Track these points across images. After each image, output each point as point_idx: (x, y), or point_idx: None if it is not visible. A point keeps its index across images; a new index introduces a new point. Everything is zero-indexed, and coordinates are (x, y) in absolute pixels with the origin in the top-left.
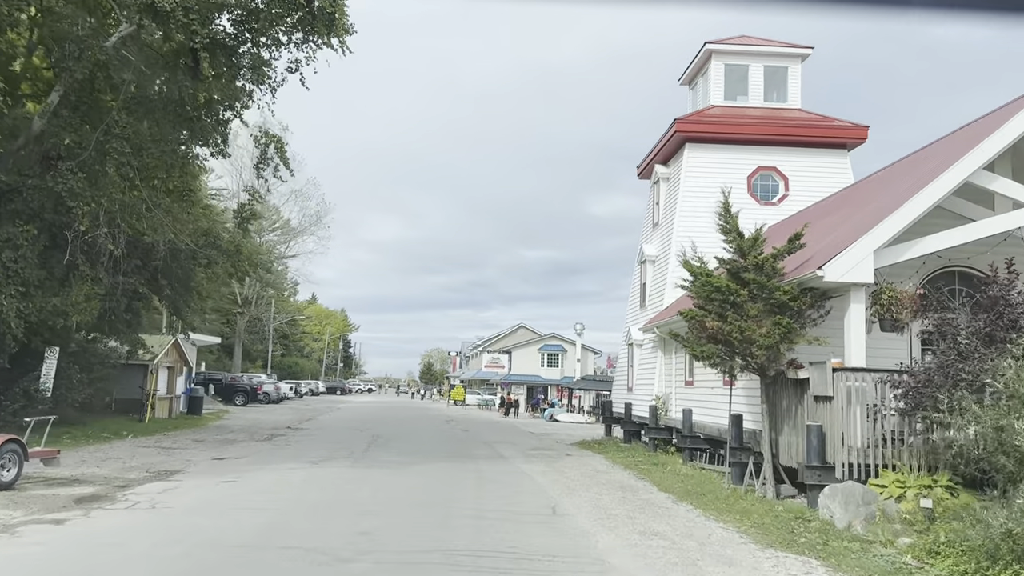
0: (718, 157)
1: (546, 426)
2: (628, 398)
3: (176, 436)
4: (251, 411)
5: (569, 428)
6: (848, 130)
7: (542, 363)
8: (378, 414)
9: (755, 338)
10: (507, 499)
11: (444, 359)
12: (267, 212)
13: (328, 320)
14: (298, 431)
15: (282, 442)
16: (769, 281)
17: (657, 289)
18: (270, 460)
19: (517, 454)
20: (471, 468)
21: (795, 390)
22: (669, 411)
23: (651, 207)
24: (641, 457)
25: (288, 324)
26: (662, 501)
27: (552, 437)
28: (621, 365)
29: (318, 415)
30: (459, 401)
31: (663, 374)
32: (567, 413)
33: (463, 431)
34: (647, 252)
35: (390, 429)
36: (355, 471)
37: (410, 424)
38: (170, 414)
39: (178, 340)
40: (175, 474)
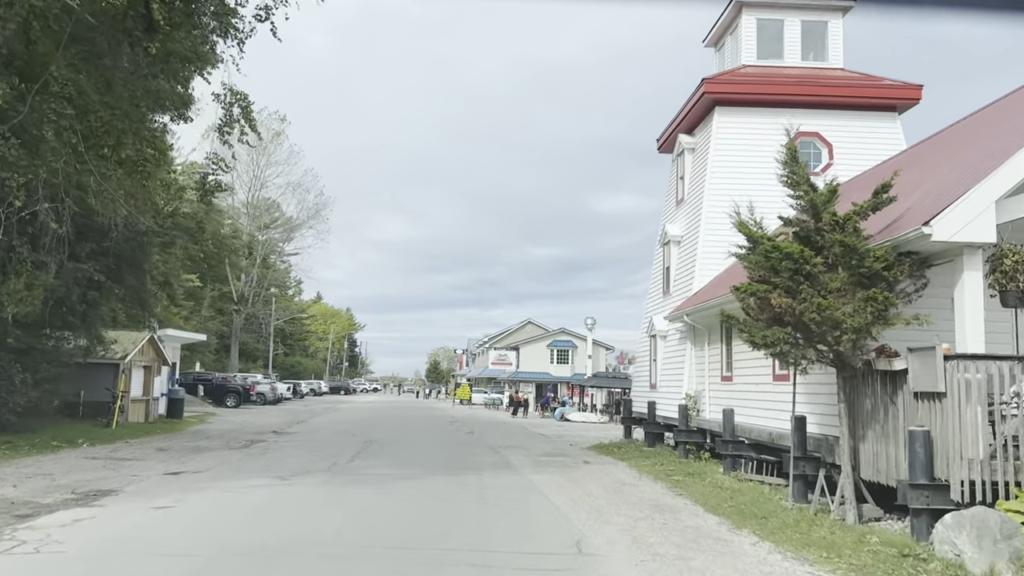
0: (752, 122)
1: (557, 427)
2: (651, 396)
3: (140, 444)
4: (241, 413)
5: (582, 429)
6: (899, 89)
7: (551, 360)
8: (378, 415)
9: (839, 318)
10: (517, 530)
11: (451, 358)
12: (267, 208)
13: (333, 319)
14: (284, 436)
15: (259, 450)
16: (859, 243)
17: (684, 272)
18: (234, 474)
19: (527, 462)
20: (473, 483)
21: (885, 385)
22: (702, 411)
23: (674, 182)
24: (671, 465)
25: (290, 323)
26: (715, 529)
27: (565, 439)
28: (642, 360)
29: (313, 417)
30: (465, 400)
31: (693, 369)
32: (579, 412)
33: (467, 434)
34: (671, 232)
35: (387, 432)
36: (329, 490)
37: (410, 426)
38: (147, 418)
39: (154, 337)
40: (105, 496)
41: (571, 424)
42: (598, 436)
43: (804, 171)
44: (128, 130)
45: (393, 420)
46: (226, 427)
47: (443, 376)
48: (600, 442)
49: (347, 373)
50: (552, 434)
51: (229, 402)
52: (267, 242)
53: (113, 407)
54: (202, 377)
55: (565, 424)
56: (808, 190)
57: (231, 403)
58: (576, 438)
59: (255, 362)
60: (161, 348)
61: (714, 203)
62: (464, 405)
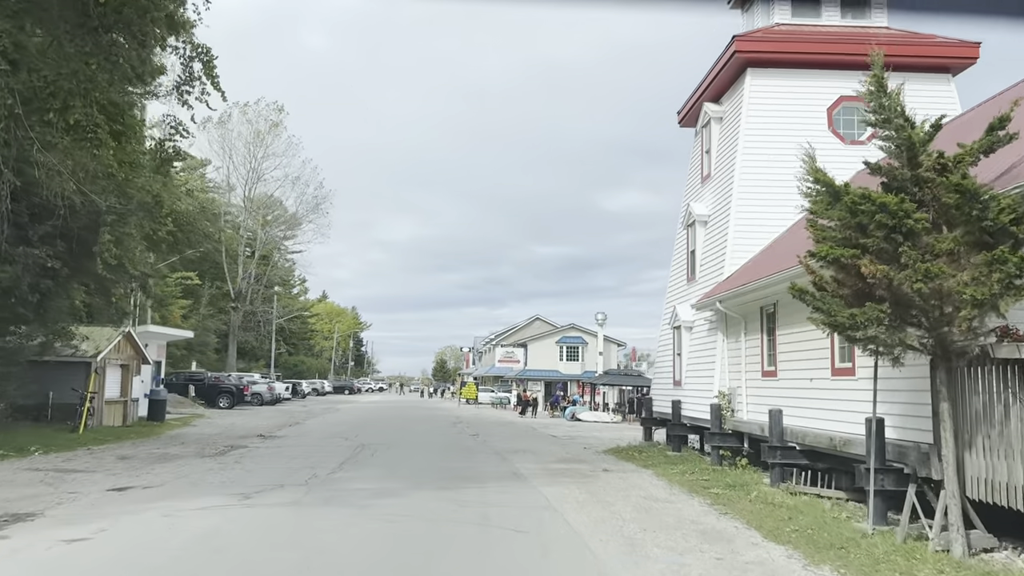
0: (789, 85)
1: (568, 427)
2: (675, 395)
3: (103, 452)
4: (232, 415)
5: (595, 429)
6: (953, 48)
7: (561, 357)
8: (378, 416)
9: (953, 289)
10: (529, 573)
11: (458, 356)
12: (266, 203)
13: (338, 318)
14: (269, 441)
15: (234, 458)
16: (980, 189)
17: (713, 255)
18: (189, 491)
19: (539, 470)
20: (475, 500)
21: (1006, 379)
22: (738, 411)
23: (698, 157)
24: (705, 474)
25: (294, 322)
26: (786, 565)
27: (578, 441)
28: (663, 355)
29: (309, 418)
30: (471, 399)
31: (726, 363)
32: (591, 412)
33: (472, 436)
34: (696, 212)
35: (384, 435)
36: (295, 514)
37: (411, 428)
38: (124, 421)
39: (131, 333)
40: (17, 522)
41: (583, 424)
42: (613, 438)
43: (897, 101)
44: (76, 92)
45: (393, 421)
46: (210, 431)
47: (450, 375)
48: (617, 445)
49: (353, 373)
50: (563, 436)
51: (222, 403)
52: (266, 237)
53: (80, 410)
54: (193, 377)
55: (576, 424)
56: (904, 125)
57: (224, 404)
58: (590, 440)
59: (257, 361)
60: (141, 345)
61: (747, 176)
62: (470, 404)
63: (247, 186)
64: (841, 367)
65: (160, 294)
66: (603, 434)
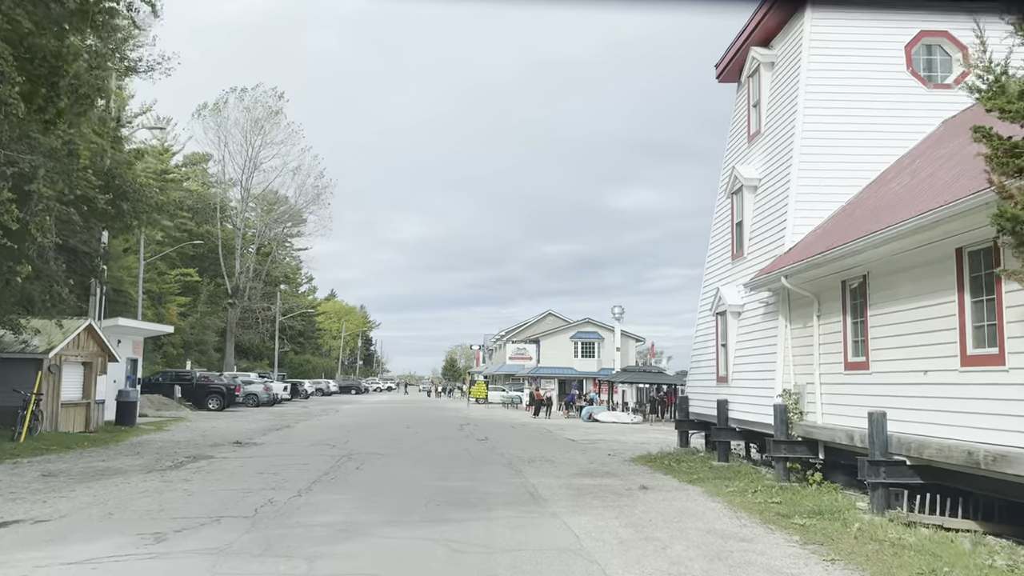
0: (857, 18)
1: (585, 429)
2: (720, 393)
3: (28, 466)
4: (218, 418)
5: (616, 432)
6: None
7: (575, 353)
8: (379, 418)
9: None
10: None
11: (469, 355)
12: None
13: (346, 317)
14: (242, 449)
15: (184, 475)
16: None
17: (767, 225)
18: (94, 527)
19: (560, 488)
20: (476, 541)
21: None
22: (808, 413)
23: (743, 113)
24: (773, 494)
25: (301, 320)
26: None
27: (601, 447)
28: (703, 347)
29: (301, 421)
30: (481, 399)
31: (790, 354)
32: (609, 412)
33: (480, 441)
34: (744, 175)
35: (379, 442)
36: (211, 571)
37: (413, 432)
38: (87, 426)
39: (93, 326)
40: None
41: (601, 426)
42: (638, 442)
43: None
44: None
45: (394, 424)
46: (182, 436)
47: (460, 374)
48: (647, 451)
49: (362, 372)
50: (582, 439)
51: (211, 404)
52: (265, 230)
53: (22, 414)
54: (181, 376)
55: (594, 426)
56: None
57: (213, 406)
58: (614, 444)
59: (260, 360)
60: (107, 341)
61: (811, 129)
62: (480, 404)
63: (244, 175)
64: (978, 354)
65: (157, 291)
66: (626, 437)
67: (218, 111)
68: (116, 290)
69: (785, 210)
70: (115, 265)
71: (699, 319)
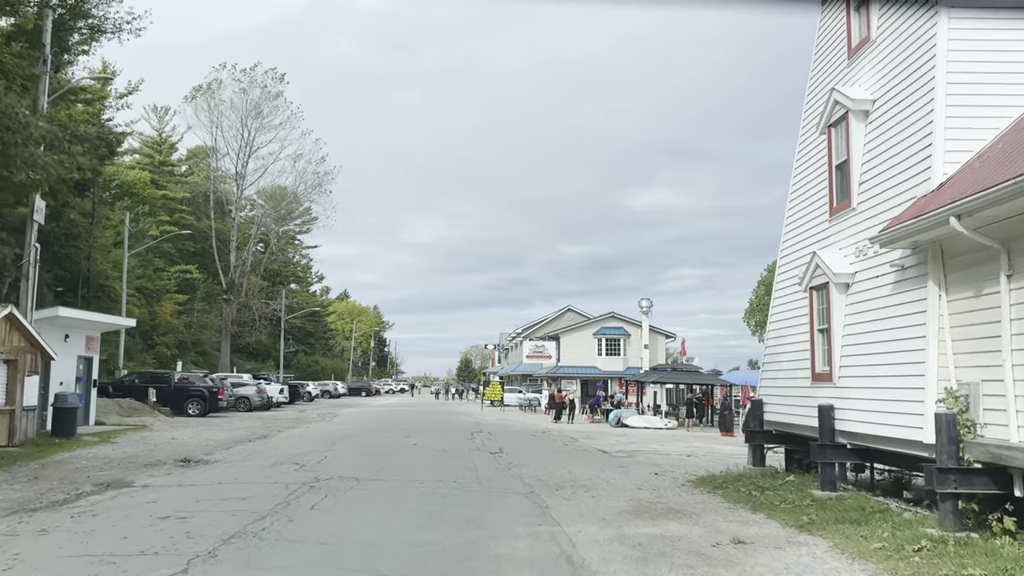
0: None
1: (616, 436)
2: (817, 395)
3: None
4: (189, 426)
5: (651, 439)
6: None
7: (599, 351)
8: (378, 424)
9: None
10: None
11: (484, 356)
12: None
13: (359, 317)
14: (183, 472)
15: (56, 520)
16: None
17: (896, 160)
18: None
19: (609, 544)
20: None
21: None
22: (991, 425)
23: (838, 21)
24: (957, 556)
25: (309, 320)
26: None
27: (641, 460)
28: (787, 333)
29: (287, 429)
30: (496, 401)
31: (946, 337)
32: (639, 416)
33: (492, 456)
34: (852, 97)
35: (362, 460)
36: None
37: (410, 444)
38: (11, 438)
39: (15, 315)
40: None
41: (633, 432)
42: (683, 453)
43: None
44: None
45: (393, 432)
46: (121, 453)
47: (475, 375)
48: (708, 471)
49: (376, 373)
50: (617, 450)
51: (191, 409)
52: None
53: None
54: (157, 377)
55: (626, 432)
56: None
57: (193, 410)
58: (655, 458)
59: (264, 361)
60: (37, 334)
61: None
62: (495, 407)
63: (239, 161)
64: None
65: (152, 288)
66: (665, 446)
67: (211, 92)
68: (101, 285)
69: (926, 135)
70: (101, 258)
71: (777, 299)
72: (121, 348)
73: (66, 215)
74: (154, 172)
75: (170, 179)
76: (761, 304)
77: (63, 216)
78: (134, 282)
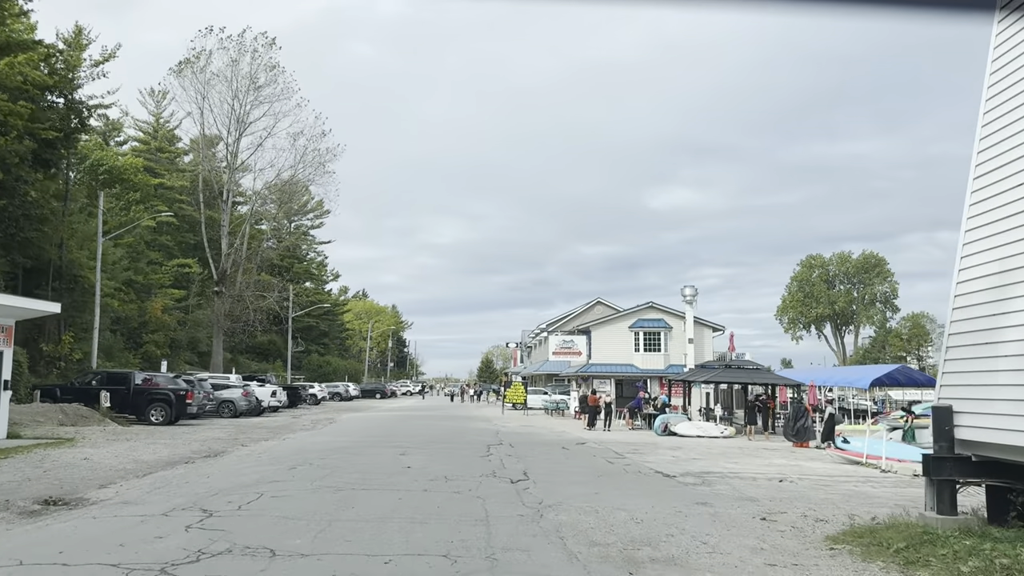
0: None
1: (669, 448)
2: None
3: None
4: (135, 439)
5: (716, 452)
6: None
7: (636, 346)
8: (377, 434)
9: None
10: None
11: (506, 356)
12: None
13: (377, 317)
14: (11, 530)
15: None
16: None
17: None
18: None
19: None
20: None
21: None
22: None
23: None
24: None
25: (323, 319)
26: None
27: (728, 493)
28: (996, 287)
29: (253, 443)
30: (518, 404)
31: None
32: (689, 422)
33: (515, 485)
34: None
35: (315, 504)
36: None
37: (403, 467)
38: None
39: None
40: None
41: (685, 442)
42: (769, 475)
43: None
44: None
45: (388, 447)
46: None
47: (496, 375)
48: (849, 518)
49: (394, 375)
50: (680, 471)
51: (154, 416)
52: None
53: None
54: (114, 379)
55: (678, 443)
56: None
57: (157, 417)
58: (742, 486)
59: (273, 361)
60: None
61: None
62: (517, 410)
63: (229, 136)
64: None
65: (143, 282)
66: (742, 465)
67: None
68: (75, 275)
69: None
70: (77, 247)
71: (966, 253)
72: (94, 345)
73: (22, 191)
74: (151, 160)
75: (169, 168)
76: (794, 301)
77: (18, 192)
78: (120, 275)
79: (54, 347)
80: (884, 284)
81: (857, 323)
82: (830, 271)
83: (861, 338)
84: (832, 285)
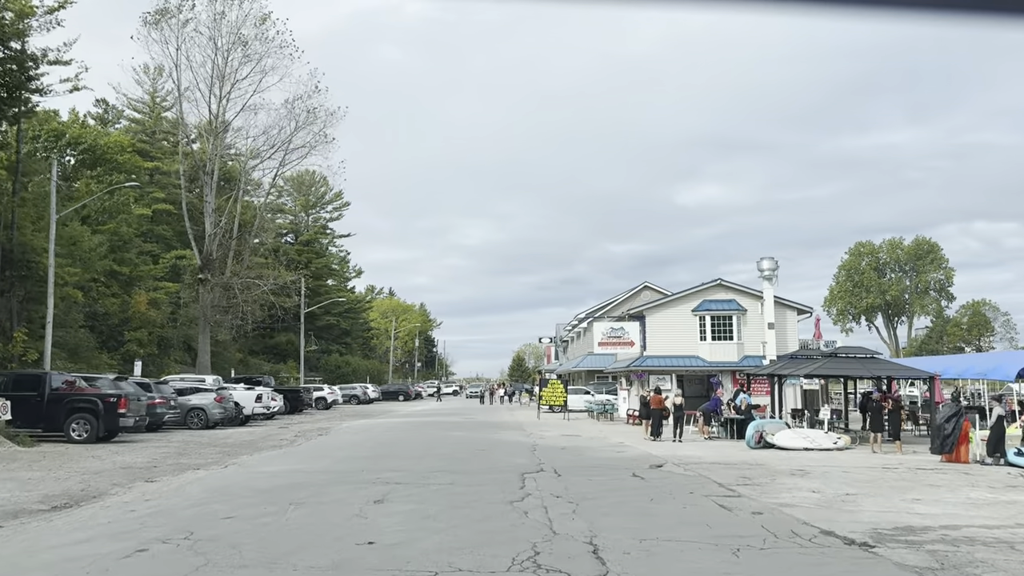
0: None
1: (792, 472)
2: None
3: None
4: (14, 467)
5: (864, 479)
6: None
7: (702, 334)
8: (371, 455)
9: None
10: None
11: (538, 354)
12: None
13: (404, 315)
14: None
15: None
16: None
17: None
18: None
19: None
20: None
21: None
22: None
23: None
24: None
25: (344, 316)
26: None
27: None
28: None
29: (181, 473)
30: (557, 406)
31: None
32: (789, 430)
33: None
34: None
35: None
36: None
37: (373, 528)
38: None
39: None
40: None
41: (795, 457)
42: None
43: None
44: None
45: (369, 482)
46: None
47: (528, 374)
48: None
49: (421, 375)
50: (866, 531)
51: (76, 431)
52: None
53: None
54: (21, 382)
55: (789, 461)
56: None
57: (80, 432)
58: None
59: (285, 362)
60: None
61: None
62: (555, 413)
63: (211, 97)
64: None
65: (128, 275)
66: (937, 504)
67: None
68: (29, 261)
69: None
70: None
71: None
72: (47, 344)
73: None
74: (146, 142)
75: (165, 149)
76: (843, 291)
77: None
78: (98, 263)
79: (3, 346)
80: (939, 271)
81: (911, 313)
82: (880, 259)
83: (915, 329)
84: (883, 273)
